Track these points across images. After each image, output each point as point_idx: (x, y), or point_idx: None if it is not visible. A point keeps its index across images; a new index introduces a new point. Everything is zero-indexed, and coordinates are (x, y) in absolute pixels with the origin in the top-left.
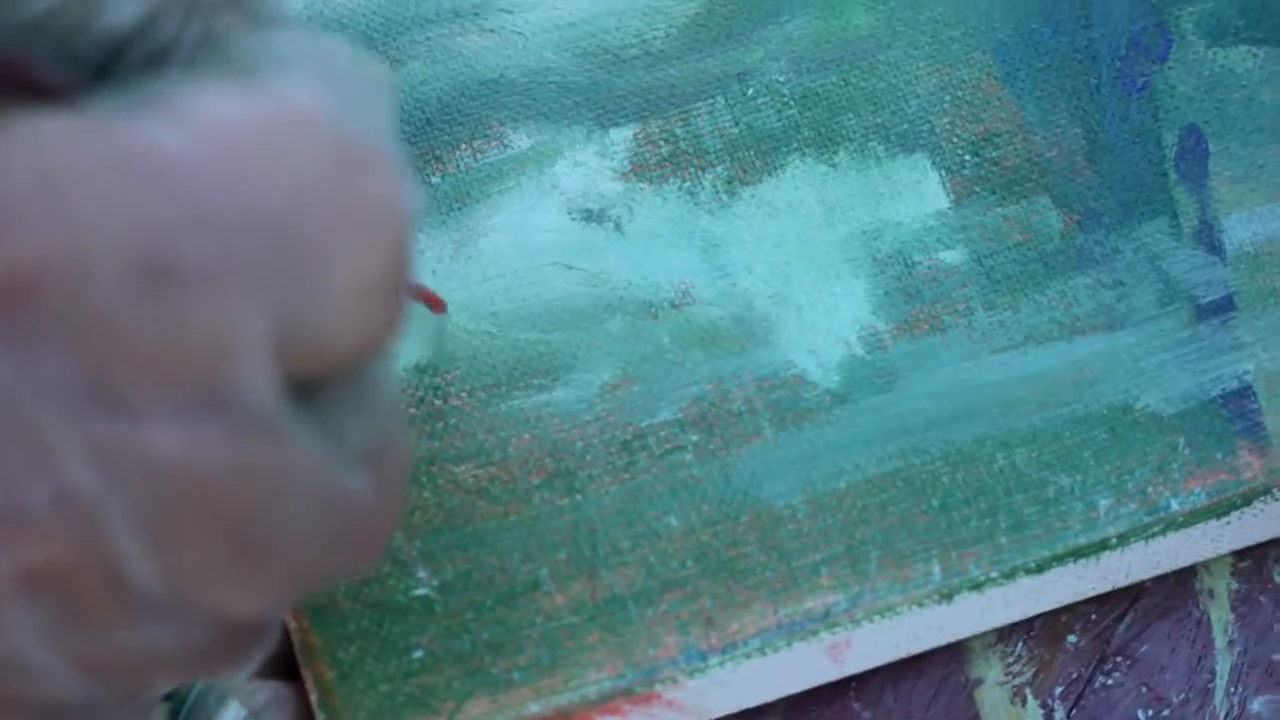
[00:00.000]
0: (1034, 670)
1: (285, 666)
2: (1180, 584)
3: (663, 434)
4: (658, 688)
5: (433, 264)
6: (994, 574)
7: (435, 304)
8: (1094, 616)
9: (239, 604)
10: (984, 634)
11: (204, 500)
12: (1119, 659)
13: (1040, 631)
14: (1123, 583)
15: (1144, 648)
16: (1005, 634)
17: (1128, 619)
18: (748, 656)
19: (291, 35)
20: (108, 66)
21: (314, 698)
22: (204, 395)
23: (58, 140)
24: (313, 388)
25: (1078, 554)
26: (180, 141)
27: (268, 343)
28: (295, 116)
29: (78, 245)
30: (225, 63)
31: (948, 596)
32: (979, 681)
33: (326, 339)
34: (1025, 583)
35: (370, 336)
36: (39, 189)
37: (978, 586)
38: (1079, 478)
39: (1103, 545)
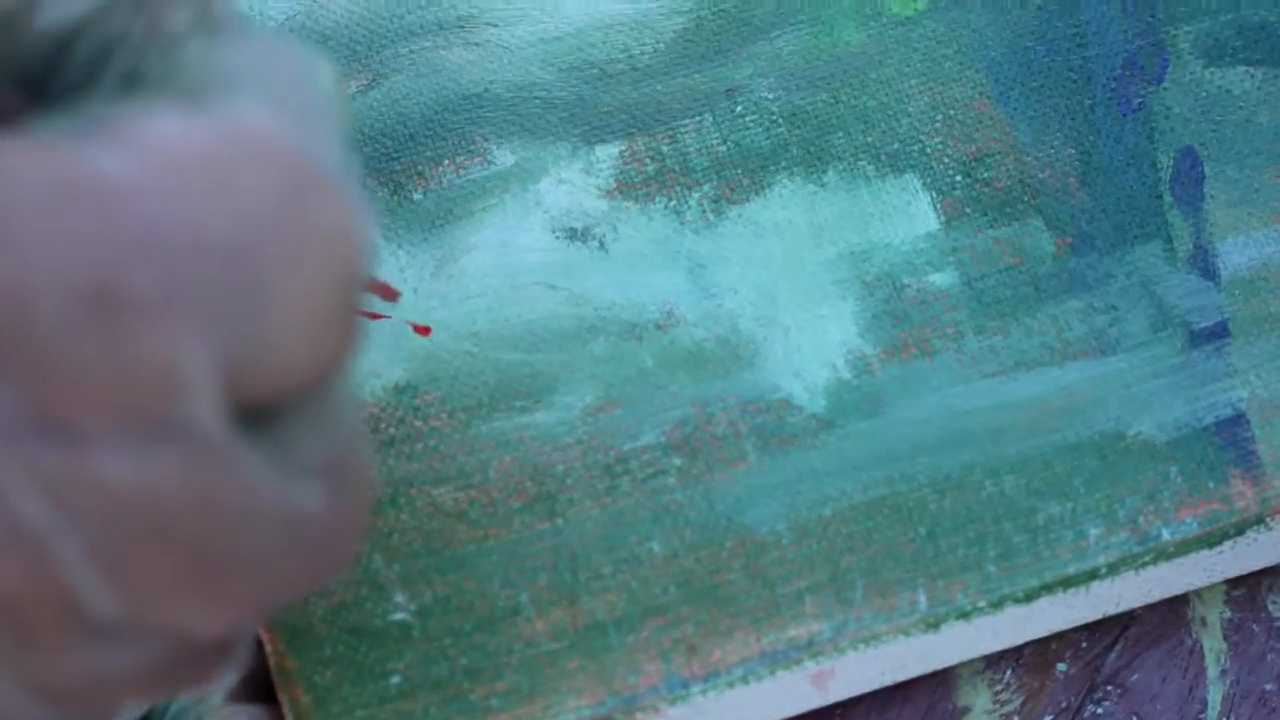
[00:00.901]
0: (1023, 699)
1: (261, 689)
2: (1172, 612)
3: (645, 458)
4: (638, 716)
5: (413, 282)
6: (981, 603)
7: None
8: (1084, 644)
9: (199, 625)
10: (972, 661)
11: (158, 527)
12: (1109, 688)
13: (1029, 659)
14: (1113, 611)
15: (1135, 676)
16: (993, 661)
17: (1118, 647)
18: (730, 685)
19: (240, 41)
20: (54, 66)
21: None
22: (153, 423)
23: (1, 167)
24: (265, 407)
25: (1067, 583)
26: (126, 167)
27: (216, 369)
28: (244, 140)
29: (19, 273)
30: (173, 75)
31: (934, 625)
32: (966, 710)
33: (277, 364)
34: (1013, 611)
35: (321, 360)
36: None
37: (965, 615)
38: (1069, 506)
39: (1093, 574)
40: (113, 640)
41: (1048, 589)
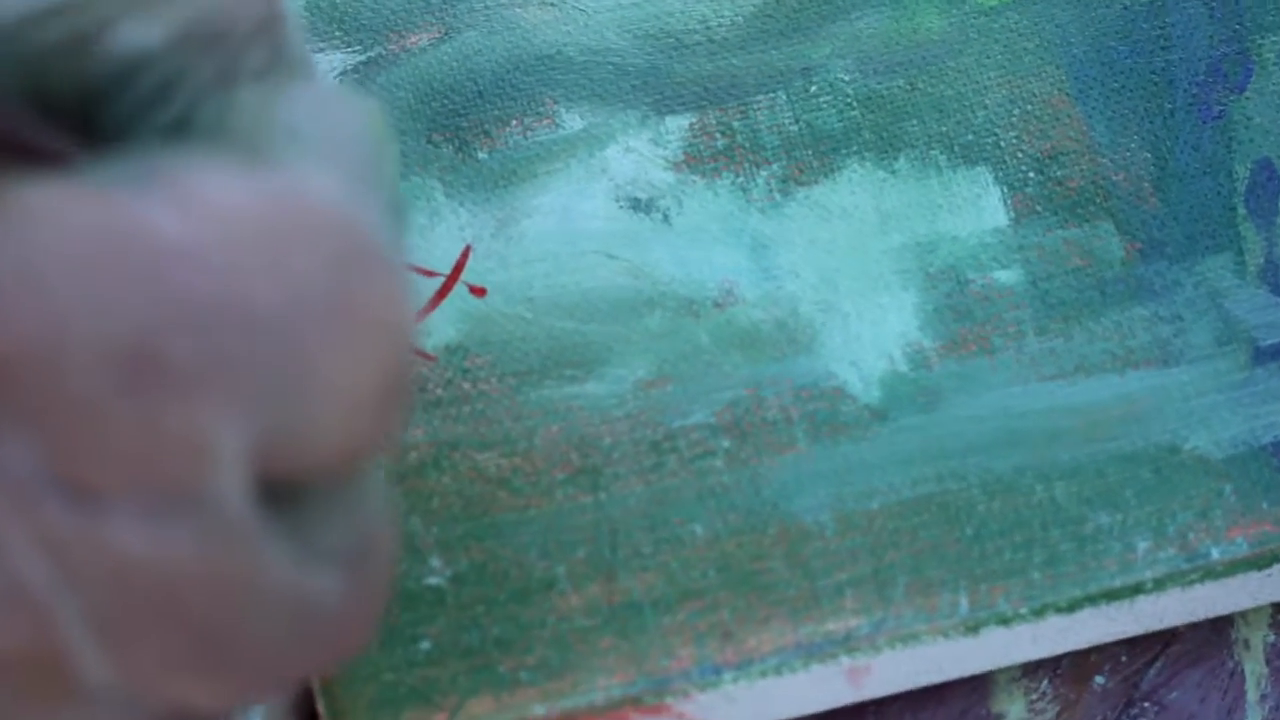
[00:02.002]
0: (1058, 709)
1: None
2: (1216, 632)
3: (694, 437)
4: (668, 699)
5: (473, 242)
6: (1023, 610)
7: (478, 292)
8: (1124, 658)
9: (196, 700)
10: (1009, 668)
11: (165, 601)
12: (1146, 704)
13: (1067, 670)
14: (1156, 627)
15: (1173, 694)
16: (1031, 669)
17: (1159, 663)
18: (763, 674)
19: (299, 88)
20: (110, 97)
21: (314, 682)
22: (174, 495)
23: (46, 216)
24: (292, 486)
25: (1111, 596)
26: (177, 226)
27: (247, 446)
28: (301, 209)
29: (54, 328)
30: (229, 123)
31: (974, 629)
32: (1000, 716)
33: (310, 446)
34: (1055, 621)
35: (355, 445)
36: (19, 268)
37: (1005, 621)
38: (1119, 517)
39: (1138, 589)
40: (106, 707)
41: (1091, 600)
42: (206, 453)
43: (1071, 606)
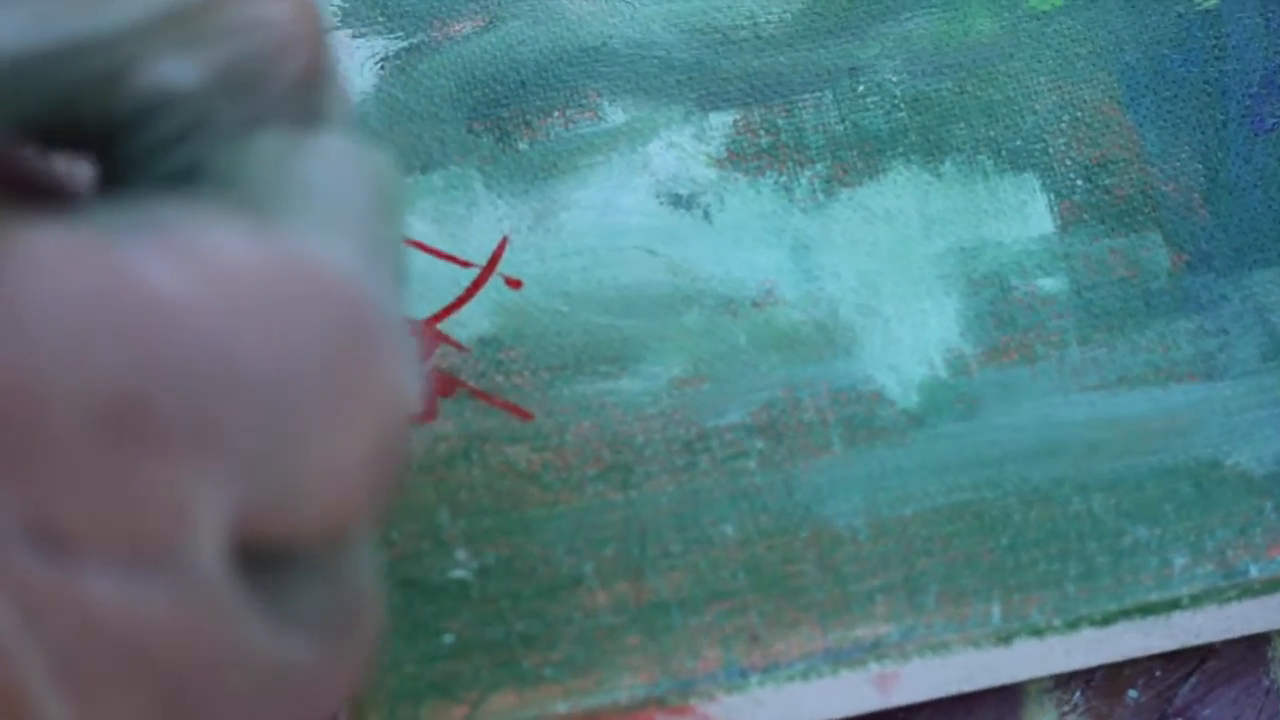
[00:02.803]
0: None
1: None
2: (1252, 649)
3: (728, 437)
4: (693, 701)
5: (510, 233)
6: (1057, 622)
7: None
8: (1158, 673)
9: None
10: (1041, 679)
11: (134, 659)
12: None
13: (1100, 683)
14: (1191, 643)
15: (1207, 711)
16: (1063, 681)
17: (1193, 679)
18: (790, 679)
19: (326, 148)
20: (127, 135)
21: None
22: (149, 553)
23: (40, 260)
24: (273, 553)
25: (1146, 610)
26: (175, 282)
27: (228, 510)
28: (306, 275)
29: (38, 375)
30: (242, 174)
31: (1005, 640)
32: None
33: (294, 516)
34: (1088, 634)
35: (341, 520)
36: (6, 313)
37: (1038, 633)
38: (1157, 531)
39: (1174, 604)
40: None
41: (1126, 614)
42: (185, 513)
43: (1106, 620)
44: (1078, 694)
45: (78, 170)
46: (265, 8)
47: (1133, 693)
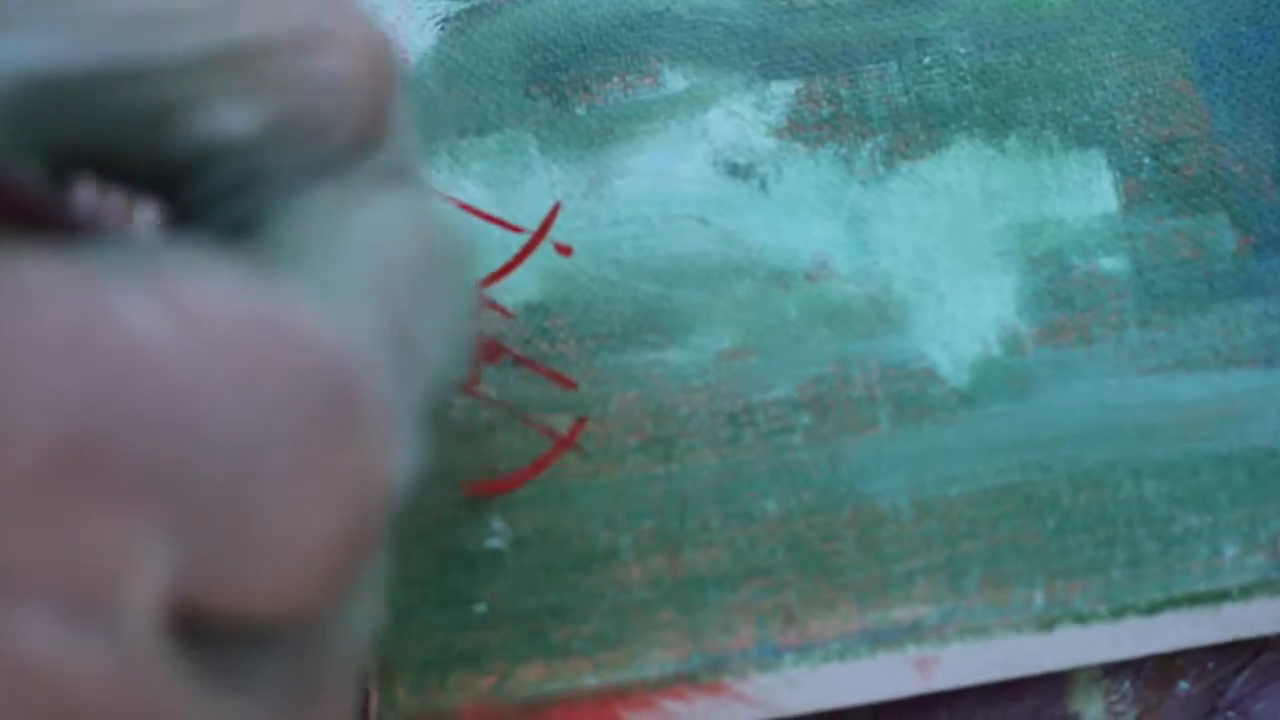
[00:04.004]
0: (1138, 713)
1: None
2: None
3: (774, 412)
4: (725, 678)
5: (564, 199)
6: (1101, 609)
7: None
8: (1211, 665)
9: None
10: (1090, 667)
11: (56, 710)
12: (1230, 714)
13: (1150, 673)
14: (1244, 635)
15: (1260, 705)
16: (1112, 670)
17: (1246, 673)
18: (825, 659)
19: (382, 209)
20: (189, 181)
21: None
22: (87, 606)
23: (24, 292)
24: (224, 624)
25: (1195, 600)
26: (155, 329)
27: (172, 572)
28: (293, 344)
29: (1, 408)
30: (284, 233)
31: (1048, 626)
32: (1077, 716)
33: (242, 590)
34: (1134, 623)
35: (297, 606)
36: None
37: (1082, 620)
38: (1209, 519)
39: (1223, 595)
40: None
41: (1174, 604)
42: (125, 566)
43: (1152, 609)
44: (1126, 684)
45: (138, 210)
46: (329, 60)
47: (1183, 684)
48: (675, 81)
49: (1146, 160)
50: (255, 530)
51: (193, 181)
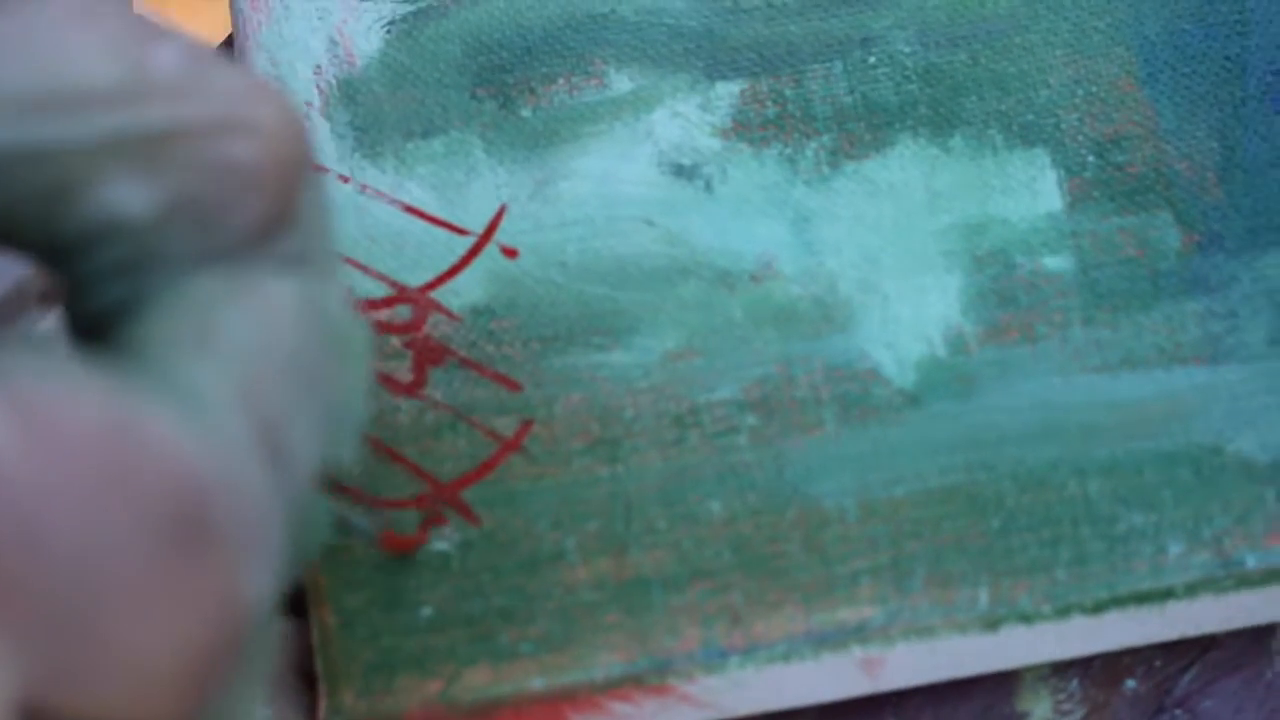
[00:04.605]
0: (1085, 711)
1: (294, 604)
2: (1256, 641)
3: (719, 413)
4: (671, 680)
5: (509, 201)
6: (1046, 609)
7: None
8: (1158, 663)
9: None
10: (1038, 666)
11: None
12: (1178, 711)
13: (1098, 672)
14: (1190, 633)
15: (1207, 703)
16: (1061, 669)
17: (1193, 670)
18: (770, 661)
19: (262, 299)
20: (77, 259)
21: (315, 640)
22: None
23: None
24: None
25: (1140, 599)
26: (0, 436)
27: (19, 684)
28: (147, 458)
29: None
30: (161, 325)
31: (992, 626)
32: (1025, 715)
33: (95, 707)
34: (1079, 622)
35: (153, 718)
36: None
37: (1026, 619)
38: (1153, 518)
39: (1168, 593)
40: None
41: (1118, 602)
42: None
43: (1097, 608)
44: (1074, 682)
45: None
46: (236, 146)
47: (1130, 682)
48: (620, 83)
49: (1091, 159)
50: (102, 645)
51: (84, 257)
